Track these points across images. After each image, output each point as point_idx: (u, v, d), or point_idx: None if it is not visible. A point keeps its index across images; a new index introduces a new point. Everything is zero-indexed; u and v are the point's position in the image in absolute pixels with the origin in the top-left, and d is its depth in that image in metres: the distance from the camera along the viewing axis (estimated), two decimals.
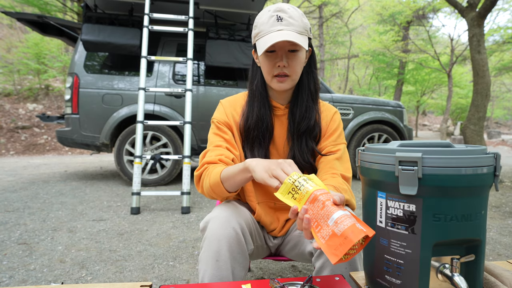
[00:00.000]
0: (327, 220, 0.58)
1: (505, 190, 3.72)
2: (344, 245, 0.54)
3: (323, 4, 14.33)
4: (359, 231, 0.54)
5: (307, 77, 0.98)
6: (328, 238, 0.56)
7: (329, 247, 0.56)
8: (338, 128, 1.01)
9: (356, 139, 3.95)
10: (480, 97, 4.33)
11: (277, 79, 0.92)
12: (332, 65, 21.04)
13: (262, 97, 0.98)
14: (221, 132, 0.97)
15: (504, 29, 9.96)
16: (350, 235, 0.54)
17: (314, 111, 0.98)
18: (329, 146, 0.98)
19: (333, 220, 0.56)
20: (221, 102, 1.03)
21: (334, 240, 0.55)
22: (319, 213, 0.59)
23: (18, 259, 1.71)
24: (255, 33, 0.91)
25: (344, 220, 0.56)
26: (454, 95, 13.86)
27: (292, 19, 0.86)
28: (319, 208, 0.60)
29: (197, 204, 2.91)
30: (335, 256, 0.54)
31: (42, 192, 3.25)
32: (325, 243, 0.57)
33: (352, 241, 0.53)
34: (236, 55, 3.54)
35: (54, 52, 9.97)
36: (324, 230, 0.58)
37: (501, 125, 24.70)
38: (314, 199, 0.61)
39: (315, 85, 0.99)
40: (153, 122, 2.80)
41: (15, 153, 7.15)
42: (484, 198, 0.58)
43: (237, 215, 0.84)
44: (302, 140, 0.97)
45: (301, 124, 0.97)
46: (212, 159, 0.91)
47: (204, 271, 0.78)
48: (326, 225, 0.57)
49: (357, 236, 0.53)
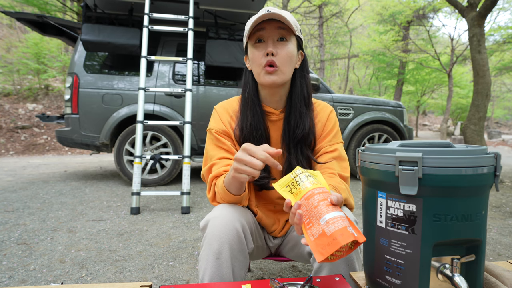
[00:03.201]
0: (319, 219, 0.58)
1: (506, 190, 3.72)
2: (331, 245, 0.54)
3: (323, 4, 14.32)
4: (349, 234, 0.54)
5: (300, 81, 0.97)
6: (318, 236, 0.57)
7: (317, 245, 0.56)
8: (334, 127, 1.00)
9: (356, 139, 3.95)
10: (480, 97, 4.33)
11: (266, 70, 0.89)
12: (332, 65, 21.04)
13: (254, 104, 0.96)
14: (220, 144, 0.96)
15: (504, 29, 9.96)
16: (339, 237, 0.54)
17: (308, 118, 0.96)
18: (325, 147, 0.97)
19: (325, 220, 0.57)
20: (215, 109, 1.01)
21: (322, 240, 0.56)
22: (312, 211, 0.60)
23: (18, 259, 1.71)
24: (245, 31, 0.92)
25: (336, 221, 0.56)
26: (454, 95, 13.86)
27: (282, 13, 0.87)
28: (313, 206, 0.60)
29: (197, 204, 2.91)
30: (321, 255, 0.55)
31: (42, 192, 3.25)
32: (313, 240, 0.57)
33: (340, 243, 0.53)
34: (236, 55, 3.54)
35: (53, 52, 9.97)
36: (315, 228, 0.58)
37: (501, 125, 24.71)
38: (310, 197, 0.61)
39: (308, 90, 0.98)
40: (153, 122, 2.80)
41: (15, 153, 7.15)
42: (485, 198, 0.58)
43: (238, 214, 0.84)
44: (297, 148, 0.96)
45: (296, 132, 0.95)
46: (218, 171, 0.91)
47: (205, 269, 0.77)
48: (318, 224, 0.58)
49: (346, 239, 0.53)
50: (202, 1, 3.47)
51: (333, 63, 21.02)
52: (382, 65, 13.68)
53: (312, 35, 15.95)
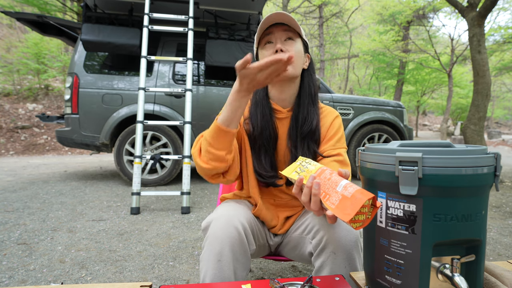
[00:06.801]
0: (335, 187, 0.60)
1: (506, 190, 3.72)
2: (354, 204, 0.55)
3: (323, 4, 14.33)
4: (368, 193, 0.56)
5: (307, 80, 1.01)
6: (339, 202, 0.58)
7: (340, 210, 0.58)
8: (337, 132, 1.02)
9: (356, 139, 3.95)
10: (480, 97, 4.33)
11: None
12: (332, 65, 21.05)
13: (263, 105, 1.00)
14: None
15: (504, 29, 9.95)
16: (360, 195, 0.55)
17: (315, 114, 1.00)
18: (328, 150, 0.99)
19: (342, 185, 0.59)
20: None
21: (344, 203, 0.57)
22: (326, 183, 0.62)
23: (18, 259, 1.71)
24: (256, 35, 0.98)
25: (353, 185, 0.59)
26: (454, 95, 13.86)
27: (290, 16, 0.93)
28: (326, 179, 0.62)
29: (197, 204, 2.91)
30: (347, 215, 0.55)
31: (42, 192, 3.25)
32: (335, 207, 0.59)
33: (362, 200, 0.54)
34: (236, 55, 3.54)
35: (53, 52, 9.97)
36: (333, 196, 0.60)
37: (501, 125, 24.72)
38: (321, 173, 0.64)
39: (315, 89, 1.03)
40: (153, 122, 2.80)
41: (15, 153, 7.15)
42: (485, 198, 0.58)
43: (240, 215, 0.84)
44: (304, 143, 0.98)
45: (303, 128, 0.98)
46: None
47: (206, 271, 0.77)
48: (335, 192, 0.60)
49: (367, 195, 0.55)
50: (202, 1, 3.47)
51: (333, 63, 21.03)
52: (382, 65, 13.68)
53: (312, 35, 15.94)
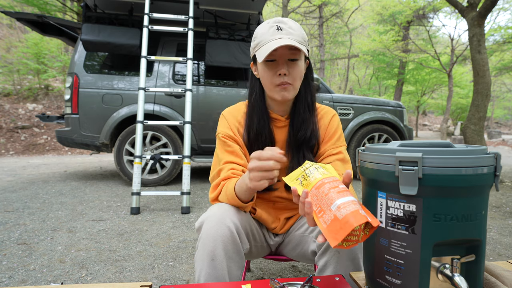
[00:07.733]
0: (330, 205, 0.58)
1: (506, 190, 3.72)
2: (344, 229, 0.53)
3: (323, 4, 14.33)
4: (361, 216, 0.54)
5: (304, 89, 1.00)
6: (330, 222, 0.56)
7: (329, 231, 0.56)
8: (336, 131, 1.02)
9: (356, 139, 3.95)
10: (480, 97, 4.32)
11: (281, 87, 0.91)
12: (332, 65, 21.04)
13: (261, 110, 0.99)
14: (227, 147, 0.98)
15: (504, 29, 9.95)
16: (351, 219, 0.53)
17: (311, 123, 0.99)
18: (330, 149, 1.00)
19: (336, 205, 0.57)
20: (223, 115, 1.03)
21: (335, 224, 0.55)
22: (323, 199, 0.60)
23: (18, 259, 1.71)
24: (255, 44, 0.92)
25: (348, 205, 0.56)
26: (454, 95, 13.86)
27: (292, 29, 0.88)
28: (323, 194, 0.60)
29: (197, 204, 2.91)
30: (335, 240, 0.54)
31: (42, 192, 3.25)
32: (326, 227, 0.57)
33: (353, 225, 0.52)
34: (236, 55, 3.54)
35: (53, 52, 9.97)
36: (327, 215, 0.58)
37: (501, 125, 24.72)
38: (320, 186, 0.62)
39: (312, 97, 1.01)
40: (153, 122, 2.80)
41: (15, 153, 7.15)
42: (485, 198, 0.58)
43: (232, 214, 0.84)
44: (300, 151, 0.98)
45: (297, 136, 0.98)
46: (225, 175, 0.92)
47: (200, 270, 0.78)
48: (329, 210, 0.58)
49: (358, 221, 0.53)
50: (202, 1, 3.47)
51: (333, 63, 21.03)
52: (382, 65, 13.68)
53: (312, 35, 15.94)
